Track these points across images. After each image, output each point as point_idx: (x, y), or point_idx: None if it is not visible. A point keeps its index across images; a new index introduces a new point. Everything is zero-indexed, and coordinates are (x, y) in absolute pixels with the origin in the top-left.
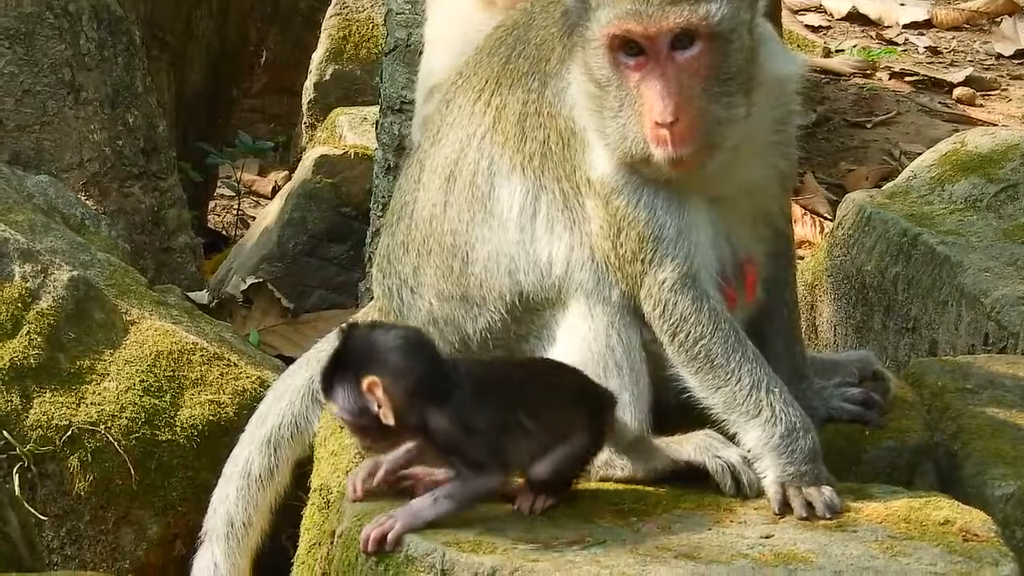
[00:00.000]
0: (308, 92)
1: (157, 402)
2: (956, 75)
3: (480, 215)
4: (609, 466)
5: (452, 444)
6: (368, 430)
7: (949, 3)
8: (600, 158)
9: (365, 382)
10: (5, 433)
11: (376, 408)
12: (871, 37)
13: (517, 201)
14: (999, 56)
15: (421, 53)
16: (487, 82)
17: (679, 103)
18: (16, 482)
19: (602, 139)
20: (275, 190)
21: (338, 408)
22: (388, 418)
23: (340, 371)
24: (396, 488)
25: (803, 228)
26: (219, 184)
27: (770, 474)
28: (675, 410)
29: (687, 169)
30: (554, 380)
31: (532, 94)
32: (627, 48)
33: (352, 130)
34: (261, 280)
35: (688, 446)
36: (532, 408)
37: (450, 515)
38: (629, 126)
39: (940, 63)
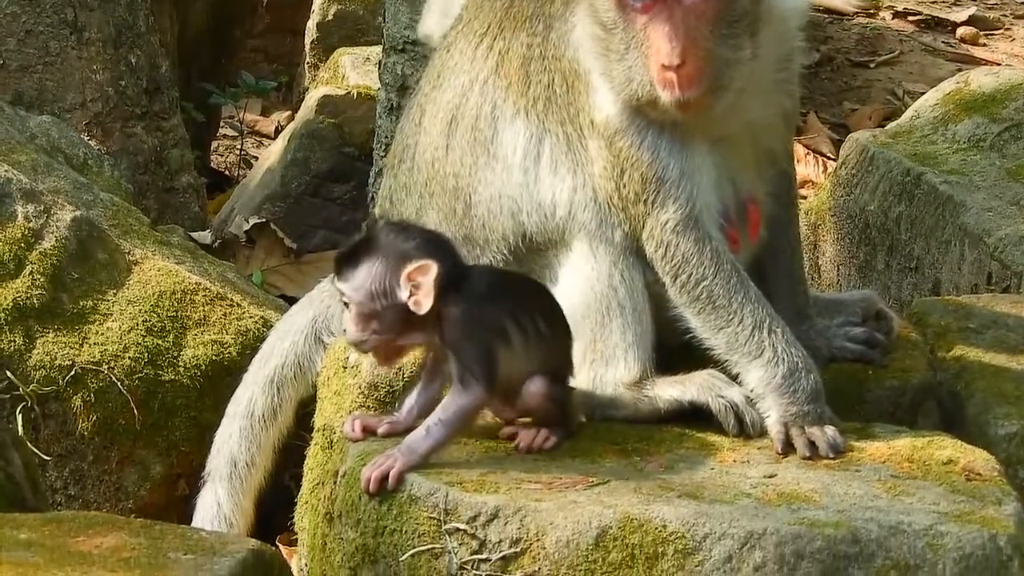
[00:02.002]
0: (311, 32)
1: (160, 342)
2: (960, 14)
3: (483, 158)
4: (612, 406)
5: (459, 341)
6: (380, 317)
7: None
8: (605, 100)
9: (411, 267)
10: (8, 373)
11: (406, 296)
12: None
13: (521, 144)
14: None
15: None
16: (489, 26)
17: (686, 45)
18: (19, 422)
19: (607, 82)
20: (278, 130)
21: (356, 289)
22: (421, 306)
23: (371, 254)
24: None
25: (806, 168)
26: (222, 124)
27: (773, 414)
28: (678, 350)
29: (694, 111)
30: (554, 305)
31: (536, 37)
32: None
33: (355, 70)
34: (264, 220)
35: (691, 386)
36: (529, 322)
37: (446, 440)
38: (635, 69)
39: (943, 2)
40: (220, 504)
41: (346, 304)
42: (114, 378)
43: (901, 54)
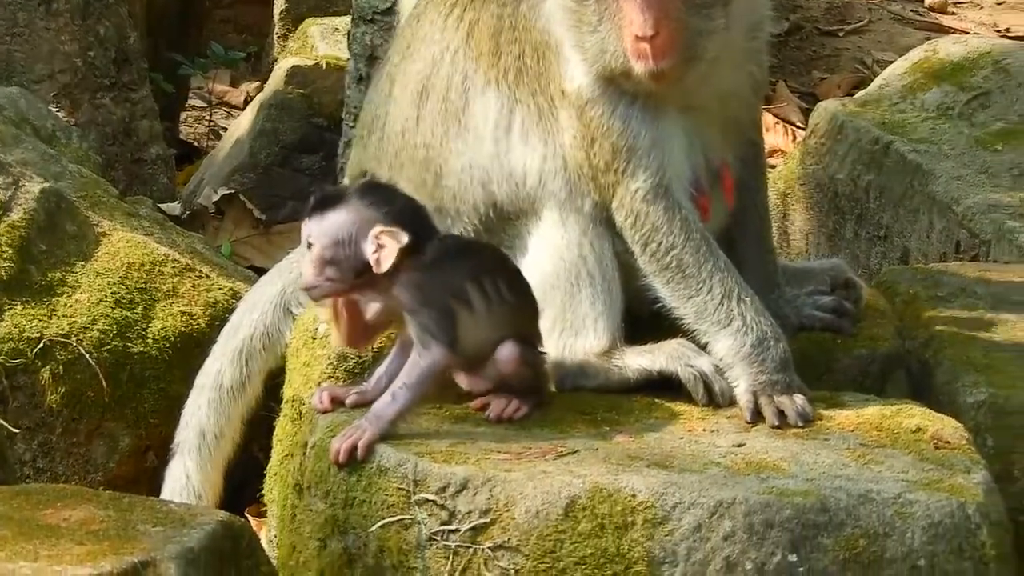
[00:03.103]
0: (280, 2)
1: (129, 314)
2: None
3: (454, 129)
4: (582, 375)
5: (417, 304)
6: (338, 265)
7: None
8: (576, 71)
9: (381, 227)
10: None
11: (370, 251)
12: None
13: (492, 115)
14: None
15: None
16: None
17: (659, 16)
18: None
19: (580, 53)
20: (247, 101)
21: (323, 233)
22: (380, 265)
23: (347, 203)
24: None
25: (775, 137)
26: (191, 95)
27: (742, 383)
28: (648, 320)
29: (667, 82)
30: (517, 272)
31: (507, 8)
32: None
33: (324, 40)
34: (233, 191)
35: (660, 355)
36: (491, 286)
37: (411, 404)
38: (608, 40)
39: None
40: (189, 476)
41: (309, 245)
42: (83, 350)
43: (870, 23)
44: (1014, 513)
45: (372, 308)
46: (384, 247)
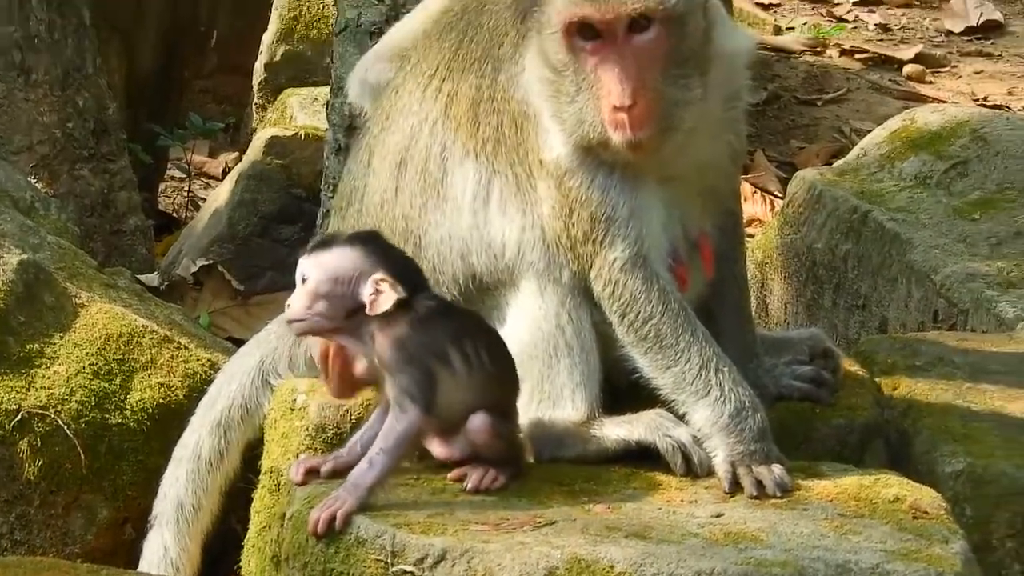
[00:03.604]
0: (259, 73)
1: (107, 385)
2: (906, 52)
3: (432, 200)
4: (560, 446)
5: (398, 362)
6: (330, 301)
7: None
8: (555, 141)
9: (379, 275)
10: None
11: (367, 293)
12: (821, 14)
13: (471, 186)
14: (948, 33)
15: (379, 32)
16: (438, 67)
17: (636, 87)
18: None
19: (559, 123)
20: (226, 171)
21: (321, 266)
22: (373, 309)
23: (351, 246)
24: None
25: (753, 206)
26: (169, 166)
27: (720, 453)
28: (626, 390)
29: (645, 152)
30: (501, 343)
31: (485, 79)
32: (583, 33)
33: (303, 111)
34: (212, 262)
35: (638, 425)
36: (473, 353)
37: (389, 469)
38: (586, 110)
39: (890, 40)
40: (167, 548)
41: (303, 280)
42: (61, 422)
43: (848, 92)
44: None
45: (360, 364)
46: (382, 293)
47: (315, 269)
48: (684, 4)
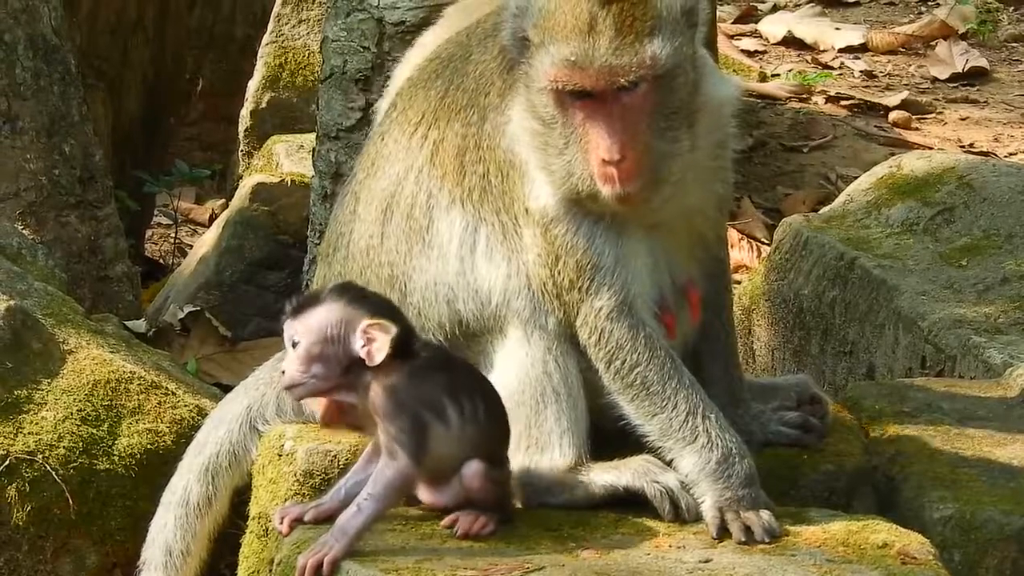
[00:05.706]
0: (244, 120)
1: (95, 431)
2: (892, 99)
3: (418, 247)
4: (548, 492)
5: (391, 411)
6: (325, 361)
7: (884, 27)
8: (541, 190)
9: (369, 320)
10: None
11: (359, 345)
12: (807, 61)
13: (457, 234)
14: (934, 80)
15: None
16: (423, 115)
17: (625, 141)
18: None
19: (546, 175)
20: (212, 218)
21: (310, 329)
22: (373, 358)
23: (332, 300)
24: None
25: (740, 252)
26: (156, 213)
27: (708, 499)
28: (614, 436)
29: (634, 205)
30: (494, 393)
31: (471, 128)
32: (573, 92)
33: (289, 158)
34: (199, 308)
35: (626, 471)
36: (467, 403)
37: (377, 516)
38: (575, 163)
39: (876, 87)
40: None
41: (294, 344)
42: (49, 468)
43: (834, 138)
44: None
45: (352, 413)
46: (375, 340)
47: (304, 331)
48: (672, 59)
